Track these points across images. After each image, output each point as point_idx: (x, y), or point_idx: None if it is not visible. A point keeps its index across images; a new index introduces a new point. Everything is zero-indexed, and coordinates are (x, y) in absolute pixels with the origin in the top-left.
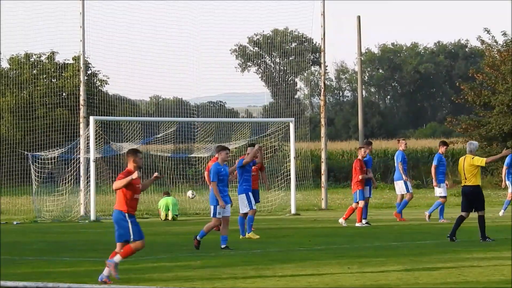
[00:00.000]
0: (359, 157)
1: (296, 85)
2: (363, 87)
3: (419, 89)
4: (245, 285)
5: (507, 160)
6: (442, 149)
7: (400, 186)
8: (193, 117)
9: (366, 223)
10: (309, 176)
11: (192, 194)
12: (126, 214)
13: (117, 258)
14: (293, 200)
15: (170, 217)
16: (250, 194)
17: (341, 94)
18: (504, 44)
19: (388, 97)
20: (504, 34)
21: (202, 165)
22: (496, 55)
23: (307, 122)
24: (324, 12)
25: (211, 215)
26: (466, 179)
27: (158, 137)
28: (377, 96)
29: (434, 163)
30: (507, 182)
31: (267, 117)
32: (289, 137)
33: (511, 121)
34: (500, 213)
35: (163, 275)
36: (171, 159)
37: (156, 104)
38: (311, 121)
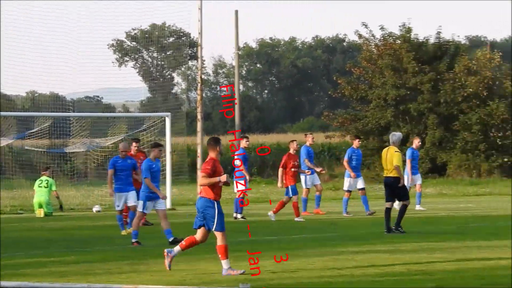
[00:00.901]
0: (291, 151)
1: (173, 80)
2: (241, 81)
3: (297, 83)
4: (120, 279)
5: (408, 153)
6: (356, 143)
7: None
8: (69, 112)
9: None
10: (185, 170)
11: (98, 209)
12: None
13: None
14: (168, 195)
15: (42, 215)
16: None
17: (218, 88)
18: (382, 38)
19: (266, 91)
20: (382, 28)
21: (78, 160)
22: (373, 49)
23: (184, 116)
24: (201, 6)
25: (139, 210)
26: (388, 170)
27: (33, 132)
28: (254, 91)
29: (346, 157)
30: (413, 177)
31: (144, 112)
32: (165, 131)
33: (388, 115)
34: (417, 207)
35: (37, 270)
36: (47, 154)
37: (32, 99)
38: (188, 116)
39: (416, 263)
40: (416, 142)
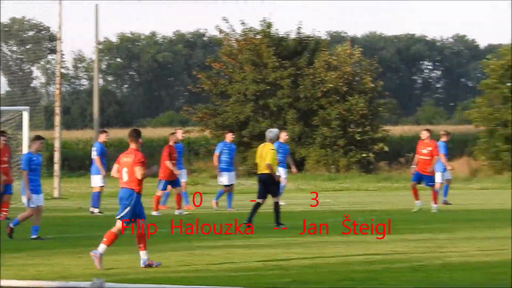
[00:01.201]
0: (170, 143)
1: (32, 74)
2: (100, 76)
3: (157, 78)
4: None
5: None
6: (229, 137)
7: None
8: None
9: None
10: (43, 165)
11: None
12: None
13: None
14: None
15: None
16: None
17: (77, 82)
18: (242, 33)
19: (126, 86)
20: (243, 23)
21: None
22: (234, 44)
23: (42, 111)
24: (61, 0)
25: (26, 205)
26: (263, 166)
27: None
28: (114, 85)
29: (216, 151)
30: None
31: (2, 106)
32: (23, 126)
33: (248, 110)
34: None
35: None
36: None
37: None
38: (47, 110)
39: (273, 258)
40: (283, 136)
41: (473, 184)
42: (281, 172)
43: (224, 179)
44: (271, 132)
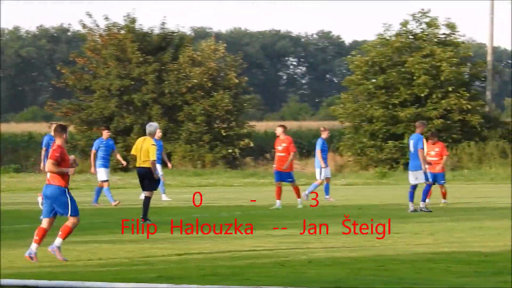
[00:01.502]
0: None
1: None
2: None
3: (20, 73)
4: None
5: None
6: (105, 135)
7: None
8: None
9: None
10: None
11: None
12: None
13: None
14: None
15: None
16: None
17: None
18: (106, 28)
19: None
20: (106, 18)
21: None
22: (97, 39)
23: None
24: None
25: None
26: (141, 160)
27: None
28: None
29: (93, 148)
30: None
31: None
32: None
33: (112, 105)
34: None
35: None
36: None
37: None
38: None
39: (139, 253)
40: (158, 133)
41: (339, 180)
42: (158, 168)
43: (102, 174)
44: (151, 126)
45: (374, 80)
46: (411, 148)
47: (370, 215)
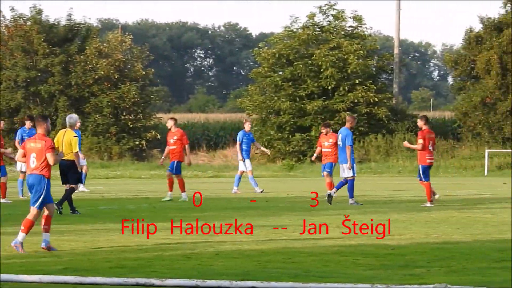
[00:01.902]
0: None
1: None
2: None
3: None
4: None
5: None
6: (28, 125)
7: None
8: None
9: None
10: None
11: None
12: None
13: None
14: None
15: None
16: None
17: None
18: (12, 19)
19: None
20: (12, 9)
21: None
22: (4, 30)
23: None
24: None
25: None
26: (64, 153)
27: None
28: None
29: (16, 137)
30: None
31: None
32: None
33: (18, 96)
34: (81, 187)
35: None
36: None
37: None
38: None
39: (40, 246)
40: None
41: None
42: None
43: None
44: (72, 118)
45: (281, 73)
46: (339, 142)
47: (278, 207)
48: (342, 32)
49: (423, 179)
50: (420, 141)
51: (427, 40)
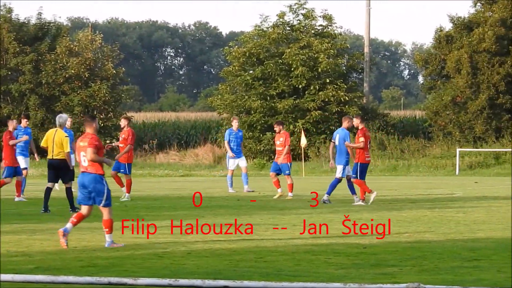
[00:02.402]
0: (10, 128)
1: None
2: None
3: None
4: None
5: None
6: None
7: None
8: None
9: None
10: None
11: None
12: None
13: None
14: None
15: None
16: None
17: None
18: None
19: None
20: None
21: None
22: None
23: None
24: None
25: None
26: (53, 152)
27: None
28: None
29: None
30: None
31: None
32: None
33: None
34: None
35: None
36: None
37: None
38: None
39: (16, 244)
40: (68, 124)
41: (218, 171)
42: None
43: (22, 163)
44: (61, 117)
45: (251, 72)
46: (337, 143)
47: (250, 206)
48: (312, 31)
49: (358, 177)
50: (362, 139)
51: (397, 39)
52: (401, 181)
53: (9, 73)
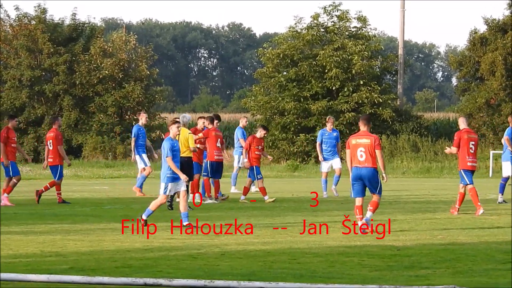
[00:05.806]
0: (56, 126)
1: None
2: None
3: None
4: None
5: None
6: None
7: None
8: None
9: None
10: None
11: None
12: None
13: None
14: None
15: None
16: None
17: None
18: (17, 19)
19: None
20: (17, 8)
21: None
22: (8, 29)
23: None
24: None
25: (161, 193)
26: (182, 151)
27: None
28: None
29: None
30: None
31: None
32: None
33: (23, 96)
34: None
35: None
36: None
37: None
38: None
39: (50, 244)
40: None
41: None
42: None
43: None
44: (185, 117)
45: (285, 73)
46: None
47: (283, 208)
48: (347, 33)
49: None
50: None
51: (431, 41)
52: (434, 183)
53: (43, 73)
